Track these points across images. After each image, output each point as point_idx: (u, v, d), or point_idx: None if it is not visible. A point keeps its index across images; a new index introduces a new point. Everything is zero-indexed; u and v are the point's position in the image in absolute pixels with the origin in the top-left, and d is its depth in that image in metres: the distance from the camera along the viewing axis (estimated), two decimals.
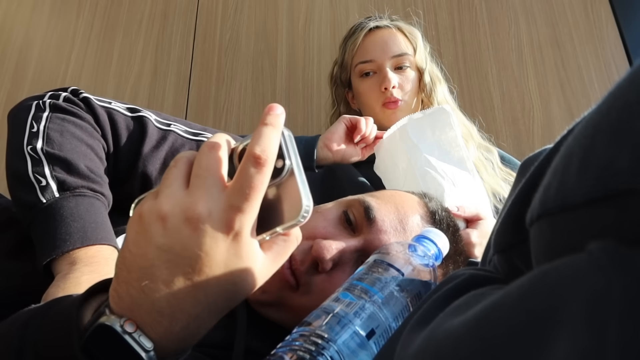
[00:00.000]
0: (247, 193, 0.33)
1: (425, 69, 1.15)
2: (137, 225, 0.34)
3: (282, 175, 0.35)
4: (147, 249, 0.33)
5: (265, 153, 0.33)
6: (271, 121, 0.35)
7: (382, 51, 1.13)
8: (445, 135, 0.95)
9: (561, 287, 0.20)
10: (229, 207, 0.33)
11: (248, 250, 0.34)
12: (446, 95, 1.18)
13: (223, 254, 0.33)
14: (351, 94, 1.24)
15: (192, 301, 0.33)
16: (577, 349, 0.17)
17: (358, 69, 1.16)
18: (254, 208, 0.33)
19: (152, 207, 0.33)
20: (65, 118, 0.65)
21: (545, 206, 0.24)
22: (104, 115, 0.68)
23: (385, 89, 1.10)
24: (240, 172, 0.33)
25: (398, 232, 0.55)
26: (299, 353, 0.37)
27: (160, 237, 0.33)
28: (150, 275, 0.33)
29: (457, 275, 0.35)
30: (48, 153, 0.61)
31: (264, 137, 0.34)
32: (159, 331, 0.33)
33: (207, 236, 0.32)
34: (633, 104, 0.20)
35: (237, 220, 0.33)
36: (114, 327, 0.32)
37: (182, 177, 0.35)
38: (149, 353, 0.33)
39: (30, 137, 0.62)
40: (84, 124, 0.66)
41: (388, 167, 0.97)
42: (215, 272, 0.33)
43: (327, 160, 1.02)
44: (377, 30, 1.17)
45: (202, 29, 1.63)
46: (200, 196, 0.33)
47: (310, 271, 0.53)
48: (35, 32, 1.65)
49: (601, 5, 1.47)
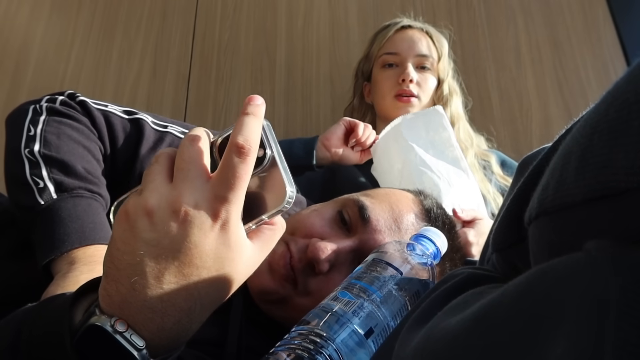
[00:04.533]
0: (232, 182, 0.33)
1: (446, 80, 1.18)
2: (124, 222, 0.34)
3: (264, 165, 0.36)
4: (135, 245, 0.33)
5: (248, 142, 0.33)
6: (252, 111, 0.35)
7: (408, 47, 1.17)
8: (439, 135, 0.96)
9: (559, 286, 0.20)
10: (214, 197, 0.33)
11: (236, 239, 0.34)
12: (459, 109, 1.20)
13: (212, 244, 0.33)
14: (368, 87, 1.26)
15: (184, 295, 0.33)
16: (575, 347, 0.18)
17: (382, 59, 1.19)
18: (239, 197, 0.34)
19: (138, 203, 0.33)
20: (62, 121, 0.65)
21: (543, 205, 0.24)
22: (100, 118, 0.68)
23: (403, 81, 1.12)
24: (224, 162, 0.34)
25: (393, 232, 0.55)
26: (298, 352, 0.37)
27: (148, 232, 0.33)
28: (140, 272, 0.32)
29: (456, 274, 0.35)
30: (45, 155, 0.61)
31: (246, 127, 0.34)
32: (150, 328, 0.33)
33: (195, 227, 0.33)
34: (631, 103, 0.20)
35: (224, 210, 0.33)
36: (105, 327, 0.32)
37: (164, 172, 0.35)
38: (141, 351, 0.32)
39: (28, 140, 0.62)
40: (80, 127, 0.66)
41: (384, 169, 0.98)
42: (206, 263, 0.33)
43: (326, 160, 1.03)
44: (408, 29, 1.21)
45: (201, 28, 1.63)
46: (185, 188, 0.33)
47: (306, 272, 0.53)
48: (35, 32, 1.65)
49: (598, 5, 1.48)
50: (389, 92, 1.15)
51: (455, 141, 0.97)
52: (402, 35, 1.20)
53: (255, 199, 0.36)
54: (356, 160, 1.05)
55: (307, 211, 0.61)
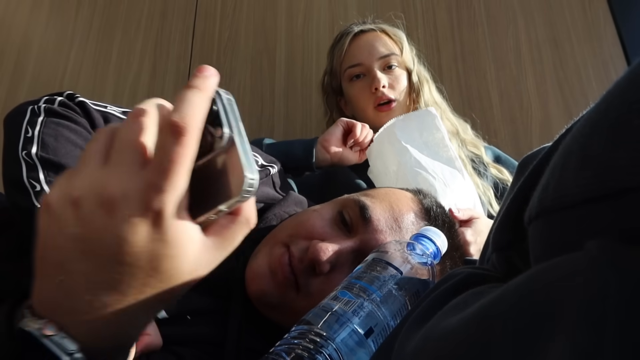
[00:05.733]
0: (167, 168, 0.28)
1: (413, 69, 1.16)
2: (46, 215, 0.29)
3: (222, 146, 0.30)
4: (59, 241, 0.29)
5: (184, 120, 0.28)
6: (197, 84, 0.30)
7: (368, 53, 1.14)
8: (433, 136, 0.96)
9: (559, 286, 0.20)
10: (146, 185, 0.28)
11: (175, 234, 0.29)
12: (434, 95, 1.18)
13: (144, 240, 0.28)
14: (343, 100, 1.24)
15: (116, 296, 0.29)
16: (575, 347, 0.18)
17: (347, 73, 1.17)
18: (176, 185, 0.28)
19: (63, 191, 0.29)
20: (60, 122, 0.64)
21: (543, 204, 0.24)
22: (99, 119, 0.68)
23: (376, 89, 1.10)
24: (157, 145, 0.29)
25: (394, 231, 0.55)
26: (298, 351, 0.37)
27: (72, 225, 0.28)
28: (66, 271, 0.29)
29: (456, 273, 0.35)
30: (42, 158, 0.61)
31: (185, 102, 0.29)
32: (81, 331, 0.30)
33: (124, 221, 0.28)
34: (632, 102, 0.20)
35: (157, 200, 0.28)
36: (31, 331, 0.30)
37: (101, 152, 0.30)
38: (72, 356, 0.30)
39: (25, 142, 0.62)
40: (79, 129, 0.65)
41: (380, 171, 0.98)
42: (138, 261, 0.29)
43: (326, 162, 1.03)
44: (362, 35, 1.18)
45: (201, 28, 1.62)
46: (115, 174, 0.28)
47: (308, 272, 0.53)
48: (34, 31, 1.65)
49: (599, 4, 1.47)
50: (368, 105, 1.13)
51: (449, 141, 0.97)
52: (358, 43, 1.17)
53: (215, 185, 0.31)
54: (355, 160, 1.05)
55: (307, 212, 0.61)
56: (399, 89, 1.13)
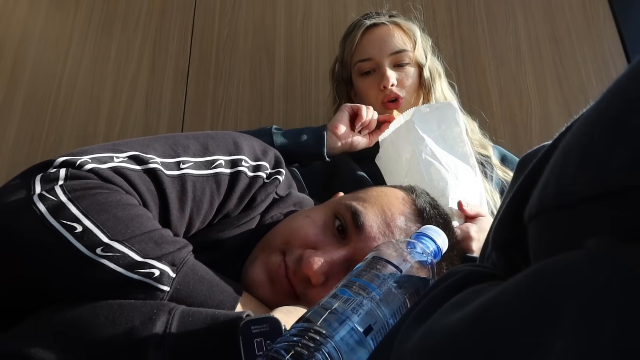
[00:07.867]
0: None
1: (425, 64, 1.14)
2: None
3: None
4: None
5: None
6: None
7: (379, 49, 1.13)
8: (451, 130, 0.95)
9: (559, 283, 0.20)
10: None
11: None
12: (445, 91, 1.17)
13: None
14: (354, 91, 1.24)
15: None
16: (575, 345, 0.17)
17: (357, 67, 1.16)
18: None
19: None
20: (104, 202, 0.49)
21: (543, 203, 0.24)
22: (133, 186, 0.54)
23: (384, 87, 1.10)
24: None
25: (386, 237, 0.55)
26: (297, 349, 0.37)
27: None
28: None
29: (456, 271, 0.35)
30: (123, 242, 0.48)
31: None
32: None
33: None
34: (632, 101, 0.20)
35: None
36: None
37: None
38: None
39: (81, 239, 0.46)
40: (128, 199, 0.52)
41: (391, 158, 0.97)
42: None
43: (337, 149, 1.02)
44: (375, 28, 1.16)
45: (200, 25, 1.62)
46: None
47: (304, 283, 0.54)
48: (33, 28, 1.64)
49: (599, 2, 1.47)
50: (376, 101, 1.13)
51: (466, 137, 0.96)
52: (369, 37, 1.15)
53: None
54: (365, 144, 1.04)
55: (300, 217, 0.61)
56: (407, 86, 1.12)
